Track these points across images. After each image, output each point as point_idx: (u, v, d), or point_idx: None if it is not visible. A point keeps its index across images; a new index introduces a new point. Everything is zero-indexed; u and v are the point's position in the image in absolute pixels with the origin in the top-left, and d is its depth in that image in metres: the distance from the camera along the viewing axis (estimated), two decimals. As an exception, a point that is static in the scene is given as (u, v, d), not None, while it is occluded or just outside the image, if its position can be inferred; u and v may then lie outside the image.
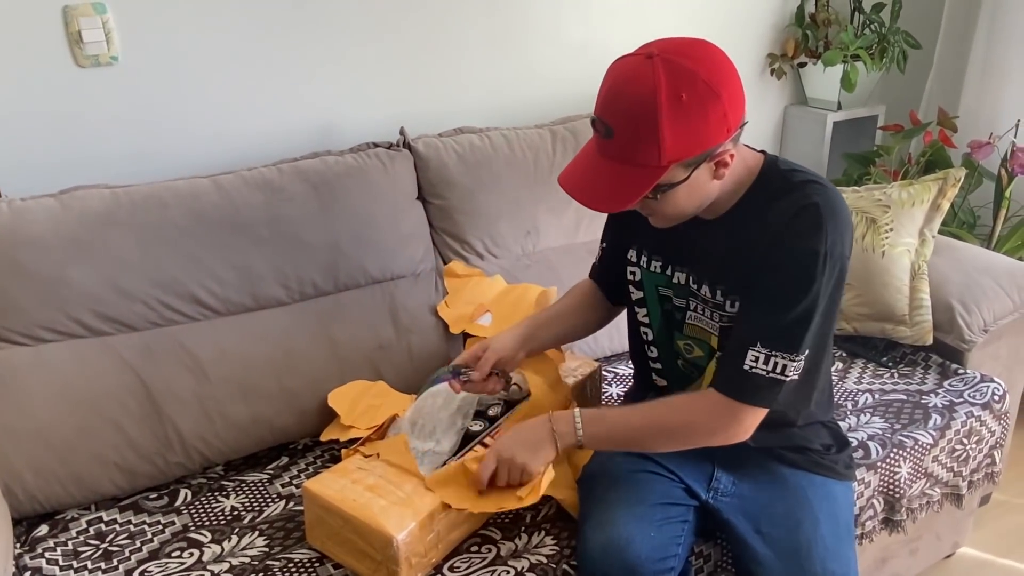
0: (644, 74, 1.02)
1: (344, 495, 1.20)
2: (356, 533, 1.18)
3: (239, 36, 1.66)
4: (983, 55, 2.32)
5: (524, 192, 1.79)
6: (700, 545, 1.31)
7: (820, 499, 1.26)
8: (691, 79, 1.01)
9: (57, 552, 1.30)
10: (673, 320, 1.30)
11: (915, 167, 2.24)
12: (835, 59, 2.21)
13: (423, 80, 1.88)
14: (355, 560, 1.21)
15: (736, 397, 1.15)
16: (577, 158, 1.13)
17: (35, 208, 1.41)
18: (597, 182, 1.08)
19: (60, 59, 1.53)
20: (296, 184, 1.58)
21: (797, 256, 1.10)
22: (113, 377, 1.42)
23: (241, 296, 1.53)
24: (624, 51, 1.10)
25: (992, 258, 1.88)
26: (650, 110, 1.01)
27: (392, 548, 1.14)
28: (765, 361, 1.13)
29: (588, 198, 1.08)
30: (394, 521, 1.15)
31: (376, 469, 1.26)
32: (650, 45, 1.06)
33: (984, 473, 1.69)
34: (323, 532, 1.24)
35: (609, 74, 1.08)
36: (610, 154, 1.06)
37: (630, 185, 1.05)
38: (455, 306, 1.65)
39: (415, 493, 1.21)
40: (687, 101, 1.01)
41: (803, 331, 1.12)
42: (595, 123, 1.08)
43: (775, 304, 1.12)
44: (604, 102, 1.06)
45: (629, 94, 1.03)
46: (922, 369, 1.75)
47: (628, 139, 1.04)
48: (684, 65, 1.02)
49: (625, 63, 1.06)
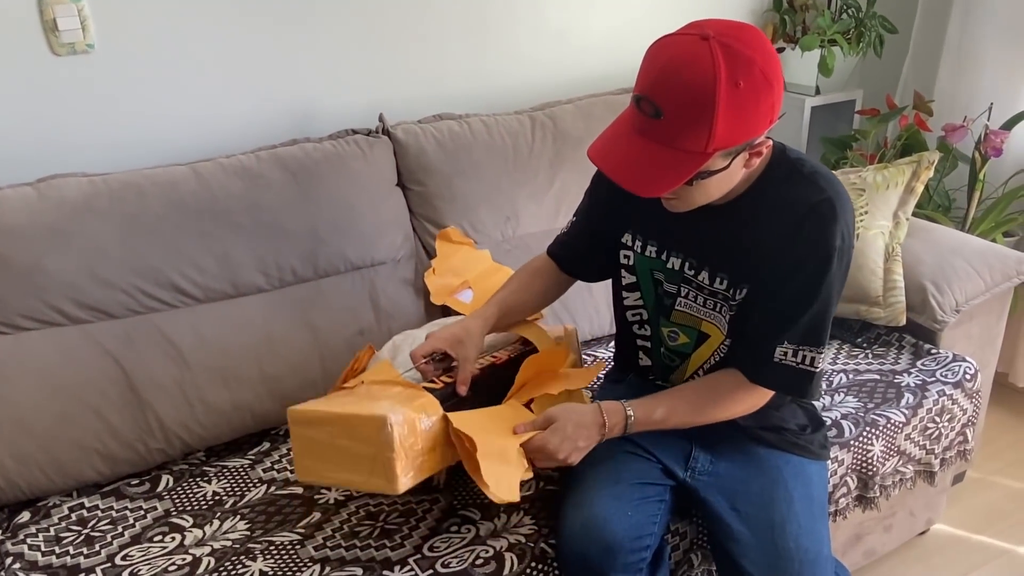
0: (702, 57, 0.98)
1: (331, 405, 1.17)
2: (346, 435, 1.12)
3: (216, 22, 1.66)
4: (958, 39, 2.35)
5: (503, 178, 1.80)
6: (676, 523, 1.34)
7: (794, 478, 1.29)
8: (748, 66, 0.98)
9: (40, 538, 1.32)
10: (662, 306, 1.31)
11: (891, 151, 2.26)
12: (812, 44, 2.23)
13: (402, 66, 1.89)
14: (349, 471, 1.14)
15: (768, 385, 1.21)
16: (611, 134, 1.08)
17: (12, 197, 1.41)
18: (637, 163, 1.04)
19: (36, 48, 1.53)
20: (275, 171, 1.58)
21: (815, 253, 1.12)
22: (93, 365, 1.43)
23: (220, 283, 1.54)
24: (602, 38, 1.10)
25: (964, 239, 1.90)
26: (708, 95, 0.98)
27: (386, 432, 1.08)
28: (794, 354, 1.17)
29: (627, 179, 1.04)
30: (384, 407, 1.11)
31: (361, 390, 1.23)
32: (699, 25, 1.02)
33: (956, 451, 1.72)
34: (312, 457, 1.17)
35: (658, 53, 1.03)
36: (653, 135, 1.02)
37: (672, 170, 1.03)
38: (441, 274, 1.66)
39: (404, 395, 1.17)
40: (744, 89, 0.98)
41: (825, 323, 1.16)
42: (640, 102, 1.02)
43: (798, 301, 1.15)
44: (655, 82, 1.01)
45: (686, 77, 0.98)
46: (896, 349, 1.78)
47: (678, 122, 1.00)
48: (742, 51, 0.99)
49: (677, 43, 1.01)
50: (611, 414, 1.18)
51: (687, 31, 1.02)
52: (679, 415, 1.22)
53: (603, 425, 1.18)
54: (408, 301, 1.67)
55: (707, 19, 1.04)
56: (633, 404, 1.20)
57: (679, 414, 1.22)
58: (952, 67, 2.37)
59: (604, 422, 1.18)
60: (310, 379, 1.56)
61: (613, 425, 1.18)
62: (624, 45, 2.15)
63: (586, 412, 1.18)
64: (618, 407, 1.19)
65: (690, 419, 1.23)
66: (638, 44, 2.16)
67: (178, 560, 1.25)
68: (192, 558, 1.25)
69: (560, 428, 1.16)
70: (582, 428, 1.17)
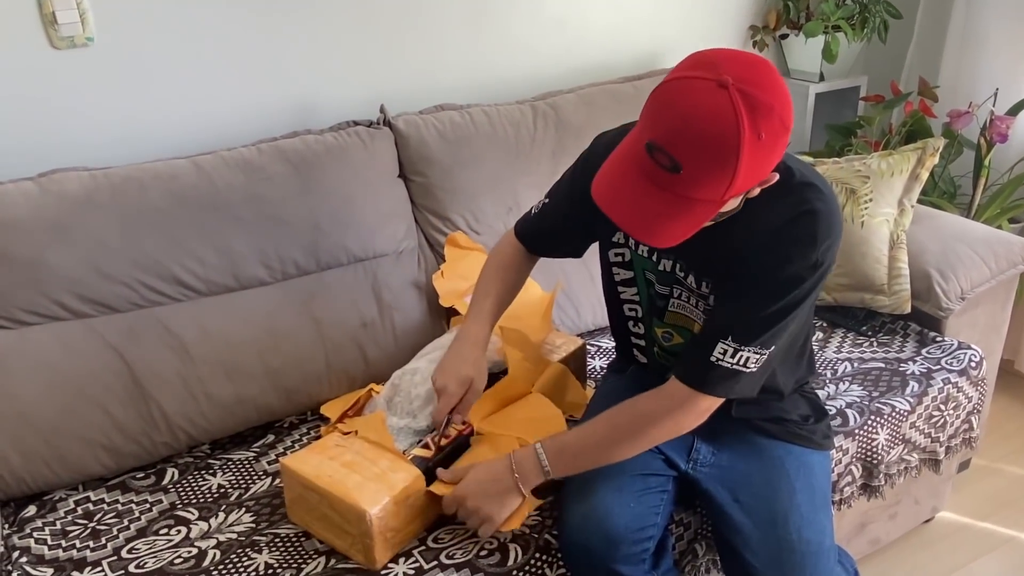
0: (723, 110, 0.93)
1: (320, 471, 1.21)
2: (332, 508, 1.19)
3: (216, 15, 1.65)
4: (962, 24, 2.33)
5: (505, 168, 1.79)
6: (680, 514, 1.34)
7: (797, 469, 1.28)
8: (769, 115, 0.95)
9: (46, 532, 1.32)
10: (655, 307, 1.30)
11: (896, 137, 2.25)
12: (816, 30, 2.21)
13: (403, 57, 1.88)
14: (334, 536, 1.23)
15: (697, 387, 1.15)
16: (618, 176, 1.02)
17: (13, 192, 1.41)
18: (651, 215, 0.99)
19: (35, 41, 1.52)
20: (276, 164, 1.58)
21: (790, 261, 1.09)
22: (97, 359, 1.43)
23: (223, 276, 1.54)
24: (603, 26, 1.06)
25: (969, 226, 1.89)
26: (731, 151, 0.94)
27: (366, 523, 1.15)
28: (733, 354, 1.12)
29: (640, 232, 1.00)
30: (368, 496, 1.16)
31: (353, 446, 1.27)
32: (711, 66, 0.95)
33: (962, 439, 1.72)
34: (302, 508, 1.26)
35: (674, 101, 0.96)
36: (668, 187, 0.98)
37: (687, 219, 1.00)
38: (450, 278, 1.66)
39: (390, 469, 1.22)
40: (765, 140, 0.95)
41: (776, 328, 1.12)
42: (655, 152, 0.96)
43: (754, 301, 1.12)
44: (673, 135, 0.95)
45: (708, 131, 0.93)
46: (900, 337, 1.78)
47: (697, 177, 0.96)
48: (762, 100, 0.94)
49: (694, 91, 0.95)
50: (520, 460, 1.20)
51: (701, 74, 0.95)
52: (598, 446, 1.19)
53: (512, 469, 1.19)
54: (411, 293, 1.67)
55: (716, 53, 0.98)
56: (544, 441, 1.21)
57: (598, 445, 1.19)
58: (957, 52, 2.36)
59: (511, 466, 1.19)
60: (313, 372, 1.56)
61: (525, 471, 1.19)
62: (625, 33, 2.14)
63: (496, 461, 1.22)
64: (528, 449, 1.21)
65: (611, 435, 1.19)
66: (638, 32, 2.17)
67: (184, 553, 1.25)
68: (198, 551, 1.26)
69: (472, 475, 1.21)
70: (488, 475, 1.20)
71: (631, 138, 1.02)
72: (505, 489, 1.20)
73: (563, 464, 1.20)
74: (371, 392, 1.43)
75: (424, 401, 1.34)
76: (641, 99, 1.90)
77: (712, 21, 2.29)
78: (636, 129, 1.02)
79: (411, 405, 1.34)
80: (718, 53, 0.98)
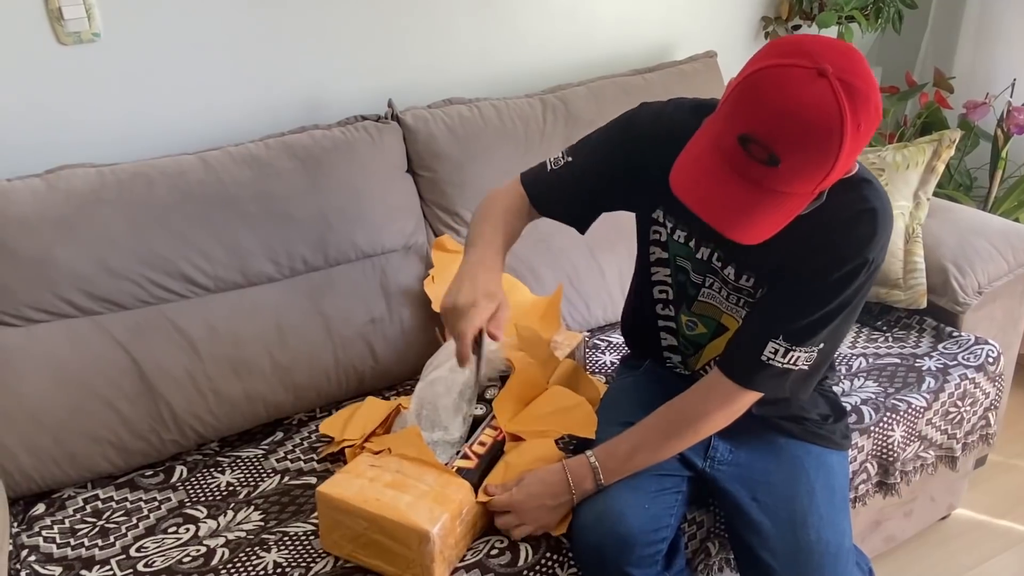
0: (826, 100, 0.89)
1: (365, 495, 1.15)
2: (384, 533, 1.13)
3: (222, 9, 1.64)
4: (978, 14, 2.29)
5: (514, 163, 1.77)
6: (693, 512, 1.32)
7: (816, 469, 1.26)
8: (866, 104, 0.91)
9: (54, 530, 1.32)
10: (685, 295, 1.27)
11: (911, 129, 2.22)
12: (829, 21, 2.18)
13: (411, 51, 1.86)
14: (383, 562, 1.16)
15: (746, 384, 1.14)
16: (702, 171, 0.96)
17: (21, 188, 1.40)
18: (742, 211, 0.95)
19: (41, 37, 1.51)
20: (284, 159, 1.56)
21: (846, 262, 1.07)
22: (104, 356, 1.42)
23: (231, 273, 1.53)
24: (613, 17, 1.03)
25: (986, 219, 1.86)
26: (834, 143, 0.90)
27: (430, 543, 1.10)
28: (784, 354, 1.11)
29: (731, 229, 0.96)
30: (425, 515, 1.11)
31: (391, 465, 1.21)
32: (807, 53, 0.90)
33: (979, 435, 1.69)
34: (342, 536, 1.18)
35: (771, 90, 0.91)
36: (759, 180, 0.93)
37: (778, 214, 0.96)
38: (440, 282, 1.64)
39: (439, 484, 1.17)
40: (863, 130, 0.92)
41: (827, 327, 1.10)
42: (749, 145, 0.91)
43: (808, 301, 1.09)
44: (773, 127, 0.90)
45: (811, 123, 0.89)
46: (916, 332, 1.75)
47: (796, 170, 0.92)
48: (861, 88, 0.90)
49: (793, 80, 0.90)
50: (575, 470, 1.19)
51: (798, 62, 0.90)
52: (649, 447, 1.19)
53: (569, 483, 1.18)
54: (419, 288, 1.66)
55: (802, 39, 0.93)
56: (596, 450, 1.20)
57: (649, 446, 1.19)
58: (973, 42, 2.32)
59: (568, 479, 1.19)
60: (321, 368, 1.55)
61: (579, 480, 1.19)
62: (635, 24, 2.11)
63: (549, 472, 1.20)
64: (581, 459, 1.20)
65: (662, 447, 1.19)
66: (649, 23, 2.14)
67: (192, 551, 1.25)
68: (206, 549, 1.25)
69: (525, 486, 1.19)
70: (545, 487, 1.19)
71: (715, 129, 0.97)
72: (563, 503, 1.20)
73: (615, 470, 1.19)
74: (399, 408, 1.40)
75: (452, 411, 1.30)
76: (652, 92, 1.92)
77: (723, 12, 2.26)
78: (720, 119, 0.96)
79: (439, 416, 1.30)
80: (803, 39, 0.93)
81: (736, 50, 2.30)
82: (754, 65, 0.94)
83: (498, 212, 1.28)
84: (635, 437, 1.20)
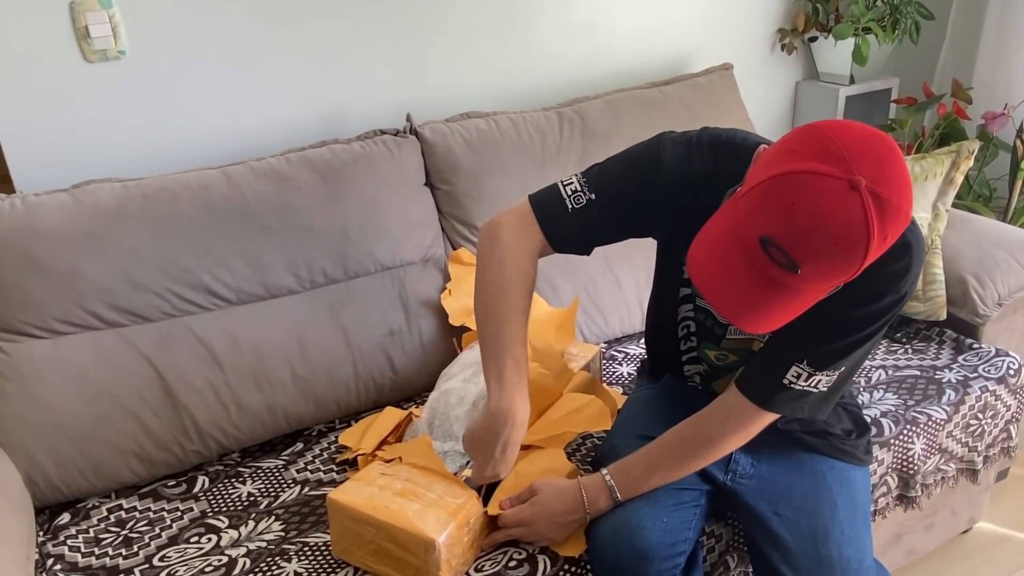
0: (854, 215, 0.87)
1: (375, 503, 1.16)
2: (392, 541, 1.15)
3: (244, 26, 1.67)
4: (997, 24, 2.28)
5: (532, 176, 1.78)
6: (711, 525, 1.32)
7: (839, 484, 1.26)
8: (896, 216, 0.89)
9: (79, 539, 1.34)
10: (711, 334, 1.26)
11: (929, 140, 2.21)
12: (846, 32, 2.19)
13: (429, 66, 1.88)
14: (392, 569, 1.18)
15: (765, 406, 1.14)
16: (718, 260, 0.95)
17: (48, 203, 1.43)
18: (758, 305, 0.95)
19: (69, 55, 1.55)
20: (304, 173, 1.59)
21: (881, 296, 1.06)
22: (129, 368, 1.44)
23: (252, 286, 1.55)
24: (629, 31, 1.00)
25: (1006, 230, 1.85)
26: (856, 257, 0.89)
27: (435, 551, 1.12)
28: (807, 378, 1.11)
29: (741, 319, 0.96)
30: (432, 524, 1.13)
31: (401, 473, 1.23)
32: (838, 156, 0.88)
33: (1000, 448, 1.68)
34: (352, 543, 1.20)
35: (800, 201, 0.88)
36: (781, 280, 0.92)
37: (791, 308, 0.96)
38: (457, 296, 1.66)
39: (447, 493, 1.19)
40: (889, 240, 0.92)
41: (852, 353, 1.10)
42: (770, 248, 0.90)
43: (839, 331, 1.09)
44: (795, 237, 0.89)
45: (835, 239, 0.88)
46: (936, 344, 1.74)
47: (816, 276, 0.91)
48: (892, 200, 0.88)
49: (823, 191, 0.87)
50: (589, 488, 1.19)
51: (831, 171, 0.87)
52: (665, 468, 1.19)
53: (583, 502, 1.19)
54: (438, 301, 1.67)
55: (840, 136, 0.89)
56: (612, 468, 1.20)
57: (665, 466, 1.19)
58: (991, 53, 2.31)
59: (583, 498, 1.19)
60: (341, 380, 1.57)
61: (594, 497, 1.19)
62: (652, 38, 2.13)
63: (564, 489, 1.20)
64: (596, 477, 1.20)
65: (679, 467, 1.19)
66: (665, 37, 2.15)
67: (214, 561, 1.26)
68: (228, 559, 1.26)
69: (539, 501, 1.20)
70: (558, 503, 1.19)
71: (737, 216, 0.95)
72: (575, 520, 1.20)
73: (631, 487, 1.19)
74: (411, 416, 1.41)
75: (464, 421, 1.32)
76: (669, 105, 1.93)
77: (740, 25, 2.27)
78: (743, 209, 0.94)
79: (451, 427, 1.32)
80: (842, 136, 0.89)
81: (752, 62, 2.31)
82: (786, 164, 0.91)
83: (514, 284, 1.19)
84: (651, 456, 1.20)
